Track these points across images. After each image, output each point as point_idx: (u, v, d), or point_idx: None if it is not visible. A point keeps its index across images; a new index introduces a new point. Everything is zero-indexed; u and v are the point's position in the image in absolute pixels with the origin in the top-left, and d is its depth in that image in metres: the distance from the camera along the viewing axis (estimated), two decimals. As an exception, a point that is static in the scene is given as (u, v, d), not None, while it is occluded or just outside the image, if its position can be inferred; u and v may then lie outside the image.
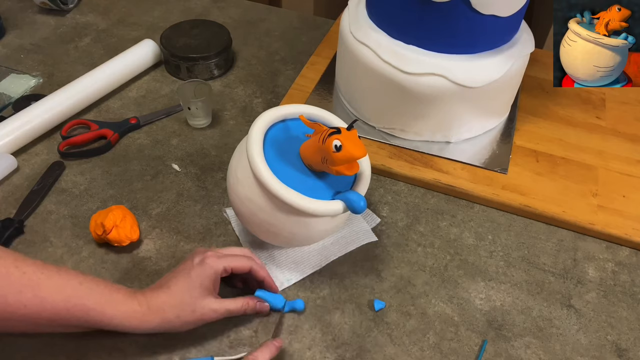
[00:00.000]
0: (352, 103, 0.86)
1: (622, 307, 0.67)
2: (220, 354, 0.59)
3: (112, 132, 0.83)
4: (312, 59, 0.97)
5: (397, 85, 0.75)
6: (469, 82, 0.73)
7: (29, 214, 0.72)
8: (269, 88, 0.95)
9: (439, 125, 0.80)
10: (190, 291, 0.56)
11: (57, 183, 0.77)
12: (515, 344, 0.63)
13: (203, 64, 0.94)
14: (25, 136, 0.80)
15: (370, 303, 0.65)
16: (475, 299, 0.66)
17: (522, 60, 0.78)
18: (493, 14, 0.69)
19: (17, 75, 0.93)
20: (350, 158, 0.53)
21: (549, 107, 0.91)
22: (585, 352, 0.62)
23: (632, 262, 0.72)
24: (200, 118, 0.86)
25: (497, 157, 0.81)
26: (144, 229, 0.71)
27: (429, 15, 0.70)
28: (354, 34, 0.78)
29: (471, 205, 0.77)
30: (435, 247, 0.72)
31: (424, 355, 0.61)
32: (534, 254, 0.72)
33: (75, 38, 1.04)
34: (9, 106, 0.87)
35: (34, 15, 1.09)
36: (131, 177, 0.78)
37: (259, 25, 1.10)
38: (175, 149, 0.83)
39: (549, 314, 0.66)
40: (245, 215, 0.63)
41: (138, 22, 1.09)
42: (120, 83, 0.92)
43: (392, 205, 0.76)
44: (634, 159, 0.83)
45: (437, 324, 0.64)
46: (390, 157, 0.80)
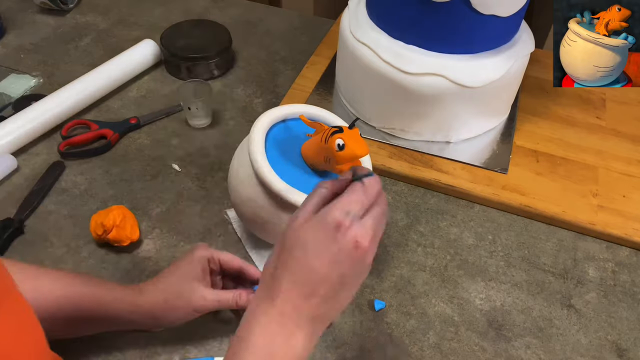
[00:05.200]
0: (352, 103, 0.86)
1: (622, 307, 0.67)
2: (220, 354, 0.59)
3: (112, 132, 0.83)
4: (312, 59, 0.97)
5: (397, 85, 0.75)
6: (469, 82, 0.73)
7: (29, 214, 0.72)
8: (269, 88, 0.95)
9: (439, 125, 0.80)
10: (178, 276, 0.57)
11: (57, 183, 0.77)
12: (515, 344, 0.63)
13: (203, 64, 0.94)
14: (25, 136, 0.80)
15: (370, 303, 0.65)
16: (476, 299, 0.66)
17: (522, 60, 0.78)
18: (493, 14, 0.69)
19: (17, 75, 0.93)
20: (353, 156, 0.53)
21: (549, 107, 0.91)
22: (586, 352, 0.62)
23: (632, 262, 0.72)
24: (200, 118, 0.86)
25: (497, 157, 0.81)
26: (144, 229, 0.71)
27: (429, 15, 0.70)
28: (354, 34, 0.78)
29: (471, 205, 0.77)
30: (436, 247, 0.72)
31: (424, 355, 0.61)
32: (534, 254, 0.72)
33: (75, 38, 1.04)
34: (9, 106, 0.87)
35: (34, 15, 1.09)
36: (131, 177, 0.78)
37: (259, 25, 1.10)
38: (175, 149, 0.83)
39: (549, 314, 0.66)
40: (248, 215, 0.63)
41: (138, 22, 1.09)
42: (120, 83, 0.92)
43: (392, 205, 0.76)
44: (634, 159, 0.83)
45: (437, 324, 0.64)
46: (391, 157, 0.80)
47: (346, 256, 0.40)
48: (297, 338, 0.40)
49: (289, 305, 0.40)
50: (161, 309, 0.56)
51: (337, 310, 0.43)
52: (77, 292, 0.54)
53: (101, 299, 0.55)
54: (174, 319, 0.57)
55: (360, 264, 0.41)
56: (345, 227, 0.39)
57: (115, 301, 0.55)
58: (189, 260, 0.58)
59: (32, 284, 0.51)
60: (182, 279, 0.57)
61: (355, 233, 0.40)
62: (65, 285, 0.54)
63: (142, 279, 0.66)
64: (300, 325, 0.40)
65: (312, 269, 0.40)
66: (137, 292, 0.56)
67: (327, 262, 0.40)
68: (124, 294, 0.56)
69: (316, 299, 0.40)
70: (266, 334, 0.40)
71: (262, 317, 0.41)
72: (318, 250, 0.40)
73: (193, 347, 0.60)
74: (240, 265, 0.60)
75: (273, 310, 0.40)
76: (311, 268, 0.40)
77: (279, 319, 0.40)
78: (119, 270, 0.67)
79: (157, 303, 0.56)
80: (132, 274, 0.66)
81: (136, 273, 0.67)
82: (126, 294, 0.56)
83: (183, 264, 0.58)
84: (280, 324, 0.40)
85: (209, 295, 0.57)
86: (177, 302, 0.56)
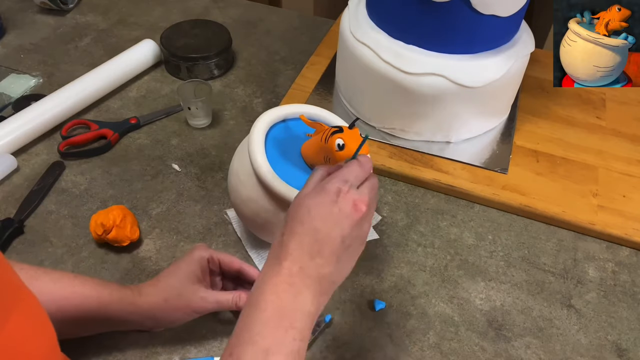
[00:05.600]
0: (352, 103, 0.86)
1: (622, 307, 0.67)
2: (220, 354, 0.59)
3: (112, 132, 0.83)
4: (312, 59, 0.97)
5: (397, 85, 0.75)
6: (469, 82, 0.73)
7: (29, 214, 0.72)
8: (269, 88, 0.95)
9: (439, 125, 0.80)
10: (178, 277, 0.57)
11: (57, 183, 0.77)
12: (515, 344, 0.62)
13: (203, 64, 0.94)
14: (25, 136, 0.80)
15: (370, 303, 0.65)
16: (476, 299, 0.66)
17: (522, 60, 0.78)
18: (493, 14, 0.69)
19: (17, 75, 0.93)
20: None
21: (549, 107, 0.91)
22: (586, 352, 0.62)
23: (632, 262, 0.72)
24: (200, 118, 0.86)
25: (497, 157, 0.81)
26: (144, 229, 0.71)
27: (429, 15, 0.70)
28: (354, 34, 0.78)
29: (471, 205, 0.77)
30: (436, 247, 0.72)
31: (424, 355, 0.61)
32: (534, 254, 0.72)
33: (75, 38, 1.04)
34: (9, 106, 0.87)
35: (34, 15, 1.09)
36: (131, 177, 0.78)
37: (259, 25, 1.10)
38: (175, 149, 0.83)
39: (549, 314, 0.66)
40: (248, 216, 0.63)
41: (138, 22, 1.09)
42: (120, 83, 0.92)
43: (392, 205, 0.76)
44: (634, 159, 0.83)
45: (437, 324, 0.64)
46: (391, 157, 0.80)
47: (346, 217, 0.44)
48: (305, 295, 0.43)
49: (296, 265, 0.43)
50: (161, 309, 0.56)
51: (341, 273, 0.46)
52: (77, 293, 0.54)
53: (101, 300, 0.55)
54: (174, 319, 0.57)
55: (358, 228, 0.45)
56: (345, 192, 0.44)
57: (114, 302, 0.55)
58: (189, 260, 0.58)
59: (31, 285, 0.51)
60: (182, 280, 0.57)
61: (354, 197, 0.44)
62: (65, 286, 0.54)
63: (142, 279, 0.66)
64: (307, 285, 0.43)
65: (316, 229, 0.43)
66: (137, 293, 0.57)
67: (329, 223, 0.43)
68: (123, 294, 0.56)
69: (321, 259, 0.43)
70: (275, 291, 0.43)
71: (271, 279, 0.43)
72: (321, 213, 0.44)
73: (193, 347, 0.60)
74: (240, 266, 0.60)
75: (282, 271, 0.43)
76: (315, 229, 0.43)
77: (287, 279, 0.43)
78: (119, 270, 0.67)
79: (157, 304, 0.56)
80: (132, 274, 0.66)
81: (136, 273, 0.67)
82: (126, 294, 0.56)
83: (183, 265, 0.58)
84: (288, 283, 0.43)
85: (209, 297, 0.57)
86: (177, 303, 0.56)
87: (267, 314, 0.42)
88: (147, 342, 0.60)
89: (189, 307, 0.57)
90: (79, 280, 0.56)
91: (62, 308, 0.53)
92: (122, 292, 0.56)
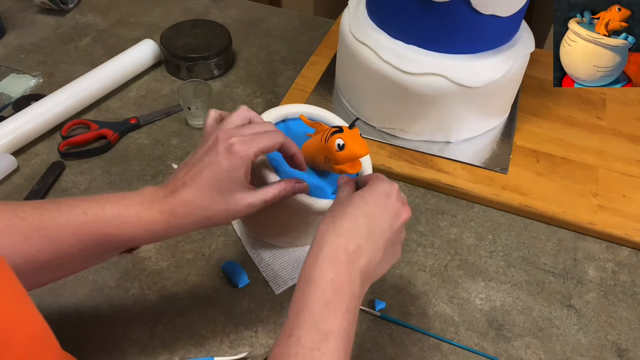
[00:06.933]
0: (352, 103, 0.86)
1: (622, 307, 0.67)
2: (220, 354, 0.59)
3: (112, 132, 0.83)
4: (312, 59, 0.97)
5: (397, 85, 0.75)
6: (469, 82, 0.73)
7: (29, 214, 0.72)
8: (269, 88, 0.95)
9: (439, 125, 0.80)
10: (221, 187, 0.47)
11: (57, 183, 0.77)
12: (515, 344, 0.63)
13: (203, 64, 0.94)
14: (25, 136, 0.80)
15: (370, 303, 0.65)
16: (476, 299, 0.66)
17: (522, 60, 0.78)
18: (493, 13, 0.69)
19: (17, 75, 0.93)
20: (353, 156, 0.53)
21: (549, 107, 0.91)
22: (586, 352, 0.62)
23: (632, 262, 0.72)
24: (200, 118, 0.86)
25: (497, 157, 0.81)
26: (144, 229, 0.71)
27: (429, 15, 0.70)
28: (354, 34, 0.78)
29: (471, 205, 0.77)
30: (435, 247, 0.72)
31: (424, 355, 0.61)
32: (534, 254, 0.72)
33: (75, 38, 1.04)
34: (9, 106, 0.87)
35: (34, 15, 1.09)
36: (131, 177, 0.78)
37: (259, 25, 1.10)
38: (175, 149, 0.83)
39: (549, 314, 0.66)
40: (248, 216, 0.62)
41: (138, 22, 1.09)
42: (120, 83, 0.92)
43: (392, 205, 0.76)
44: (634, 159, 0.83)
45: (437, 324, 0.64)
46: (391, 157, 0.80)
47: (396, 214, 0.47)
48: (357, 278, 0.44)
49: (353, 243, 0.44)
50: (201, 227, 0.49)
51: (382, 267, 0.47)
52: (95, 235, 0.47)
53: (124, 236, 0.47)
54: (215, 225, 0.51)
55: (401, 230, 0.48)
56: (395, 194, 0.48)
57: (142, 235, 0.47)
58: (231, 165, 0.47)
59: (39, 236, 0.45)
60: (226, 193, 0.48)
61: (403, 198, 0.49)
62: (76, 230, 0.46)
63: (142, 279, 0.66)
64: (361, 268, 0.44)
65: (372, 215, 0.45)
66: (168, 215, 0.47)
67: (384, 214, 0.46)
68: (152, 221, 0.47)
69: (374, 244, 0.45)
70: (335, 270, 0.43)
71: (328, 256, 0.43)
72: (377, 203, 0.46)
73: (193, 347, 0.60)
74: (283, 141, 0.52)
75: (339, 249, 0.43)
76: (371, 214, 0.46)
77: (345, 257, 0.43)
78: (118, 270, 0.67)
79: (197, 223, 0.48)
80: (132, 273, 0.66)
81: (136, 273, 0.67)
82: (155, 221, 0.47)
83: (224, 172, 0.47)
84: (346, 262, 0.43)
85: (256, 201, 0.50)
86: (222, 219, 0.49)
87: (327, 294, 0.41)
88: (147, 342, 0.60)
89: (234, 218, 0.50)
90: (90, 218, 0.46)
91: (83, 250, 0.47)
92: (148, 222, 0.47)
